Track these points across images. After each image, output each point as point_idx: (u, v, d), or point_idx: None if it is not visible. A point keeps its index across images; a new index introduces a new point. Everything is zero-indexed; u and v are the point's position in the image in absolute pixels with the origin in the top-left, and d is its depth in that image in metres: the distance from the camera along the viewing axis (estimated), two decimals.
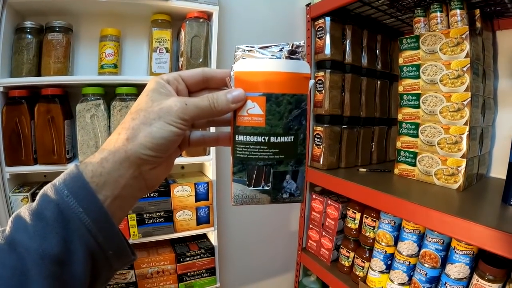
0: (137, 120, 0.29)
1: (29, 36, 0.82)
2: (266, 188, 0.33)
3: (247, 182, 0.33)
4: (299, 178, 0.34)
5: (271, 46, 0.32)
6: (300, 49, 0.32)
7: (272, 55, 0.32)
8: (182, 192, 0.95)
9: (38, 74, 0.84)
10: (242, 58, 0.32)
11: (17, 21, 0.83)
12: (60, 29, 0.84)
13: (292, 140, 0.33)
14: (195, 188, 0.96)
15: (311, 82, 0.33)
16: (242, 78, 0.31)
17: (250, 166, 0.32)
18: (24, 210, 0.28)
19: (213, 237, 1.03)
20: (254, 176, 0.33)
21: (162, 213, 0.94)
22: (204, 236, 1.08)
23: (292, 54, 0.32)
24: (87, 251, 0.27)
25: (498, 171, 1.00)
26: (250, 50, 0.32)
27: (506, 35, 0.98)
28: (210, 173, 1.00)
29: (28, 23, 0.82)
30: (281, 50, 0.32)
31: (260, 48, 0.32)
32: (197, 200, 0.97)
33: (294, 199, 0.34)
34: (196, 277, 1.01)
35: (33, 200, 0.87)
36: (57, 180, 0.28)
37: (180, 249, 0.99)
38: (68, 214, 0.27)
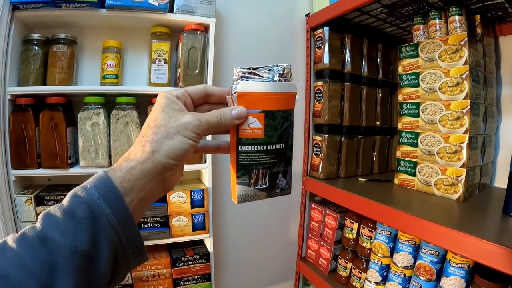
0: (159, 135, 0.33)
1: (36, 48, 0.87)
2: (264, 186, 0.40)
3: (249, 183, 0.39)
4: (288, 175, 0.42)
5: (263, 67, 0.38)
6: (287, 71, 0.38)
7: (267, 77, 0.38)
8: (178, 199, 0.96)
9: (44, 83, 0.89)
10: (242, 78, 0.37)
11: (25, 33, 0.88)
12: (65, 41, 0.89)
13: (283, 146, 0.40)
14: (191, 195, 0.98)
15: (297, 98, 0.40)
16: (244, 98, 0.37)
17: (251, 170, 0.38)
18: (55, 209, 0.30)
19: (209, 244, 1.04)
20: (254, 178, 0.39)
21: (158, 218, 0.95)
22: (201, 242, 1.09)
23: (283, 76, 0.38)
24: (112, 249, 0.30)
25: (502, 181, 0.96)
26: (248, 72, 0.38)
27: (509, 40, 0.95)
28: (206, 180, 1.02)
29: (35, 35, 0.87)
30: (271, 70, 0.38)
31: (254, 69, 0.38)
32: (192, 206, 0.98)
33: (284, 193, 0.42)
34: (191, 282, 1.01)
35: (36, 202, 0.90)
36: (87, 183, 0.32)
37: (176, 254, 1.01)
38: (98, 215, 0.30)
